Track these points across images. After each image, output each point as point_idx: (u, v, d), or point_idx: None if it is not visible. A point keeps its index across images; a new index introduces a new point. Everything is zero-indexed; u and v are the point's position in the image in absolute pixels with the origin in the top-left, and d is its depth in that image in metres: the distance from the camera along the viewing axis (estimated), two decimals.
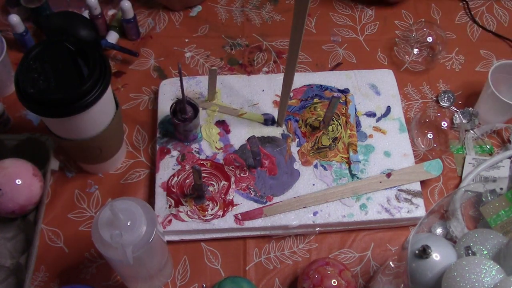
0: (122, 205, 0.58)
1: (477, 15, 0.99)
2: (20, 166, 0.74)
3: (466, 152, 0.83)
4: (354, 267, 0.74)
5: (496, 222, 0.62)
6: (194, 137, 0.80)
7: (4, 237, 0.75)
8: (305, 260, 0.74)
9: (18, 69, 0.64)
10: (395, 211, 0.75)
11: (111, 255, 0.57)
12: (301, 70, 0.91)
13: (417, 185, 0.77)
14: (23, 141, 0.79)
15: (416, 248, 0.57)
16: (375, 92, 0.86)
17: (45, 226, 0.76)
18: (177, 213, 0.74)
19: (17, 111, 0.86)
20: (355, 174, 0.78)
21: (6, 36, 0.89)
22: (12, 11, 0.92)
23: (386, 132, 0.82)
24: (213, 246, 0.75)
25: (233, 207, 0.75)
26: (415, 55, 0.91)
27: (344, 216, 0.75)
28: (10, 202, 0.71)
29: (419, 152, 0.83)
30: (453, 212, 0.66)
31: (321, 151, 0.80)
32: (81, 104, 0.63)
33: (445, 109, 0.86)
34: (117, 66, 0.91)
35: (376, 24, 0.97)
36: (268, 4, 1.00)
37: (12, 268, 0.72)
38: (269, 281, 0.73)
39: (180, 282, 0.73)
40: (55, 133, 0.70)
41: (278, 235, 0.76)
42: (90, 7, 0.89)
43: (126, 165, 0.81)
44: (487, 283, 0.52)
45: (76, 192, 0.79)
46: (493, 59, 0.94)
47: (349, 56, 0.93)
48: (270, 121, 0.82)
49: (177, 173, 0.77)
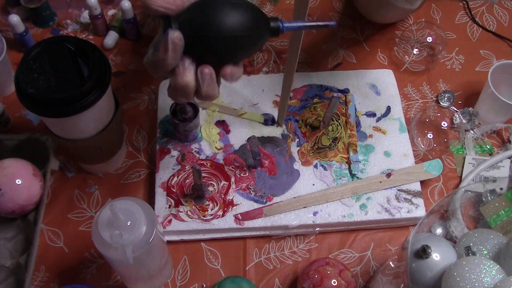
0: (122, 205, 0.58)
1: (477, 15, 0.99)
2: (20, 166, 0.74)
3: (466, 152, 0.83)
4: (354, 267, 0.74)
5: (496, 222, 0.62)
6: (194, 137, 0.80)
7: (4, 237, 0.75)
8: (305, 260, 0.74)
9: (18, 69, 0.64)
10: (395, 211, 0.75)
11: (111, 255, 0.57)
12: (301, 70, 0.91)
13: (417, 185, 0.77)
14: (23, 141, 0.79)
15: (416, 248, 0.57)
16: (375, 92, 0.86)
17: (45, 226, 0.76)
18: (177, 213, 0.74)
19: (17, 111, 0.86)
20: (355, 174, 0.78)
21: (6, 36, 0.89)
22: (12, 11, 0.92)
23: (386, 132, 0.82)
24: (213, 246, 0.75)
25: (233, 207, 0.75)
26: (415, 55, 0.91)
27: (344, 216, 0.75)
28: (10, 202, 0.72)
29: (419, 152, 0.83)
30: (453, 212, 0.66)
31: (321, 151, 0.80)
32: (81, 104, 0.63)
33: (445, 109, 0.86)
34: (117, 66, 0.91)
35: (376, 24, 0.97)
36: (268, 4, 1.00)
37: (12, 268, 0.72)
38: (269, 281, 0.73)
39: (180, 282, 0.73)
40: (55, 133, 0.70)
41: (278, 235, 0.76)
42: (90, 7, 0.89)
43: (126, 165, 0.81)
44: (487, 283, 0.52)
45: (76, 192, 0.79)
46: (493, 59, 0.94)
47: (349, 56, 0.93)
48: (270, 121, 0.82)
49: (177, 173, 0.77)
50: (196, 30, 0.51)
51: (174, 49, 0.50)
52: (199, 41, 0.51)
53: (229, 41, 0.52)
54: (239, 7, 0.52)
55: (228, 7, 0.51)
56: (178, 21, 0.51)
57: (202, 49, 0.52)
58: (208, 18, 0.51)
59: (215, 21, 0.51)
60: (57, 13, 0.97)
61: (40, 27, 0.95)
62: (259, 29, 0.53)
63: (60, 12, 0.97)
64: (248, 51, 0.54)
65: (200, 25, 0.51)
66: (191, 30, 0.51)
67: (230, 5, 0.51)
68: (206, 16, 0.51)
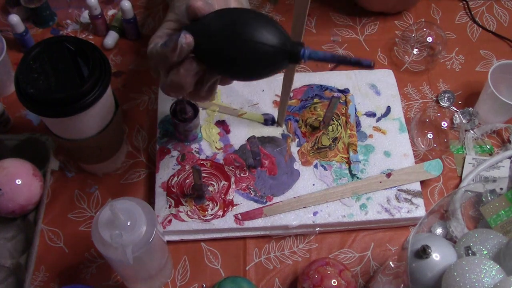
0: (122, 205, 0.58)
1: (477, 15, 0.99)
2: (20, 166, 0.74)
3: (466, 152, 0.83)
4: (354, 267, 0.74)
5: (496, 222, 0.62)
6: (194, 137, 0.80)
7: (4, 237, 0.75)
8: (305, 260, 0.74)
9: (18, 69, 0.64)
10: (395, 211, 0.75)
11: (111, 255, 0.57)
12: (301, 70, 0.91)
13: (417, 185, 0.77)
14: (23, 141, 0.79)
15: (416, 248, 0.57)
16: (375, 92, 0.86)
17: (45, 226, 0.76)
18: (177, 213, 0.74)
19: (17, 111, 0.86)
20: (355, 174, 0.78)
21: (6, 36, 0.89)
22: (12, 11, 0.92)
23: (386, 132, 0.82)
24: (213, 246, 0.75)
25: (233, 207, 0.75)
26: (415, 55, 0.91)
27: (344, 216, 0.75)
28: (10, 202, 0.72)
29: (419, 152, 0.83)
30: (453, 212, 0.66)
31: (321, 151, 0.80)
32: (81, 104, 0.63)
33: (445, 109, 0.86)
34: (117, 66, 0.91)
35: (376, 24, 0.97)
36: (268, 4, 1.00)
37: (12, 268, 0.72)
38: (269, 281, 0.73)
39: (180, 282, 0.73)
40: (55, 133, 0.70)
41: (278, 235, 0.76)
42: (90, 7, 0.89)
43: (126, 165, 0.81)
44: (487, 283, 0.52)
45: (76, 192, 0.79)
46: (493, 59, 0.94)
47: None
48: (270, 121, 0.82)
49: (177, 173, 0.77)
50: (214, 37, 0.49)
51: (181, 51, 0.50)
52: (214, 50, 0.50)
53: (245, 51, 0.49)
54: (262, 18, 0.50)
55: (251, 15, 0.49)
56: (197, 23, 0.50)
57: (215, 58, 0.50)
58: (228, 25, 0.49)
59: (235, 26, 0.48)
60: (57, 13, 0.97)
61: (40, 27, 0.95)
62: (278, 47, 0.49)
63: (60, 12, 0.97)
64: (258, 69, 0.51)
65: (218, 31, 0.49)
66: (207, 37, 0.49)
67: (253, 14, 0.50)
68: (226, 23, 0.49)
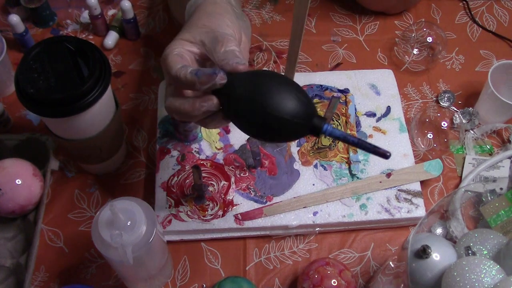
0: (122, 205, 0.58)
1: (477, 15, 0.99)
2: (20, 166, 0.74)
3: (466, 152, 0.83)
4: (354, 267, 0.74)
5: (496, 222, 0.62)
6: (194, 137, 0.80)
7: (4, 237, 0.75)
8: (305, 260, 0.74)
9: (18, 69, 0.64)
10: (395, 211, 0.75)
11: (111, 255, 0.57)
12: (301, 70, 0.91)
13: (417, 185, 0.77)
14: (23, 141, 0.79)
15: (416, 248, 0.57)
16: (375, 92, 0.86)
17: (45, 226, 0.76)
18: (177, 213, 0.74)
19: (17, 111, 0.86)
20: (355, 174, 0.78)
21: (6, 36, 0.89)
22: (12, 11, 0.92)
23: (386, 132, 0.82)
24: (213, 246, 0.75)
25: (233, 207, 0.75)
26: (415, 55, 0.91)
27: (344, 216, 0.75)
28: (10, 202, 0.72)
29: (419, 152, 0.83)
30: (453, 212, 0.66)
31: (321, 151, 0.80)
32: (81, 104, 0.63)
33: (445, 109, 0.86)
34: (117, 66, 0.91)
35: (376, 24, 0.97)
36: (268, 4, 1.00)
37: (12, 268, 0.72)
38: (269, 281, 0.73)
39: (180, 282, 0.73)
40: (55, 133, 0.70)
41: (278, 235, 0.76)
42: (90, 7, 0.89)
43: (126, 165, 0.81)
44: (487, 283, 0.52)
45: (76, 192, 0.79)
46: (493, 59, 0.94)
47: (349, 56, 0.93)
48: None
49: (177, 173, 0.77)
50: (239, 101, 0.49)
51: (210, 88, 0.50)
52: (237, 112, 0.50)
53: (268, 122, 0.49)
54: (288, 87, 0.49)
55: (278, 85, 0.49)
56: (233, 76, 0.51)
57: (236, 117, 0.51)
58: (253, 94, 0.49)
59: (262, 96, 0.48)
60: (57, 13, 0.97)
61: (40, 27, 0.95)
62: (302, 123, 0.49)
63: (60, 12, 0.97)
64: (277, 138, 0.51)
65: (243, 98, 0.49)
66: (233, 99, 0.50)
67: (279, 80, 0.49)
68: (251, 89, 0.49)
